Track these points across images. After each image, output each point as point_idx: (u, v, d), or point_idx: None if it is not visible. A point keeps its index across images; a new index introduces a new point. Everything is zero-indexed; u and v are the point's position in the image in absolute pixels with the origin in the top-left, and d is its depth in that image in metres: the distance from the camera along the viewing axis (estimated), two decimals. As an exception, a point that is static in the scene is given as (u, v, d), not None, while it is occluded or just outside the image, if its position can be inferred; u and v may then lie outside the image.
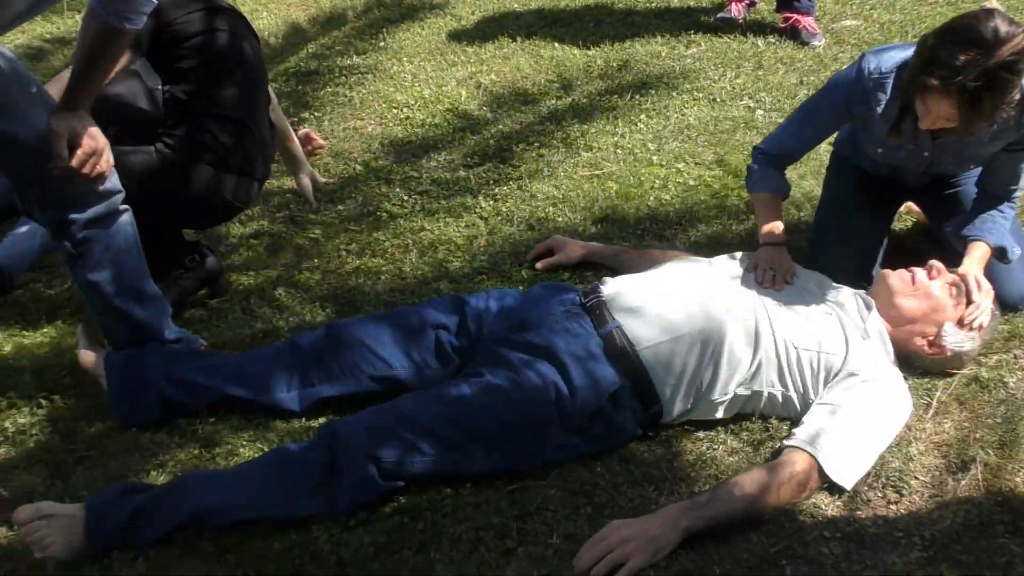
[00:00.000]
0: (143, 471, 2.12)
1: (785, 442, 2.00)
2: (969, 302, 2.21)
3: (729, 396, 2.10)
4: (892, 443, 2.04)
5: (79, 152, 1.96)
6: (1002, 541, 1.81)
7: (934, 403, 2.18)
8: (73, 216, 2.10)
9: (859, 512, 1.91)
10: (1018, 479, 1.95)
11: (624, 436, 2.08)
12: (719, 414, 2.13)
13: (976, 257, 2.33)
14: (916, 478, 1.99)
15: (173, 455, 2.16)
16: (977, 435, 2.07)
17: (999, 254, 2.38)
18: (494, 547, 1.85)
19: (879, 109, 2.27)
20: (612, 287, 2.21)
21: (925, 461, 2.03)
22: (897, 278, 2.26)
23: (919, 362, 2.26)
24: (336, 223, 3.20)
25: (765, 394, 2.11)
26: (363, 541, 1.87)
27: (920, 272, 2.26)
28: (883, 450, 2.02)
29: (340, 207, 3.31)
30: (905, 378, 2.17)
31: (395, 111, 4.04)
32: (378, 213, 3.23)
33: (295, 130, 3.66)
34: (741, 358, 2.08)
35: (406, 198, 3.32)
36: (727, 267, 2.31)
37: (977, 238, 2.37)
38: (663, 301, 2.12)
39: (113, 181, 2.14)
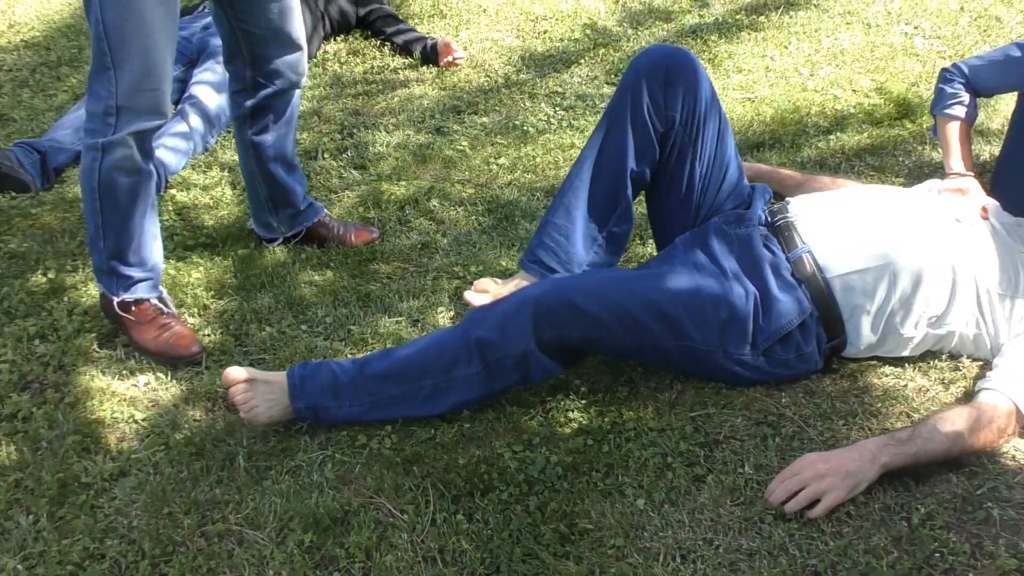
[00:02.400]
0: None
1: (982, 384, 1.91)
2: None
3: (920, 334, 2.01)
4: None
5: None
6: None
7: None
8: (264, 82, 2.30)
9: (1064, 459, 1.83)
10: None
11: (808, 366, 2.01)
12: (906, 351, 2.05)
13: None
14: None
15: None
16: None
17: None
18: (683, 473, 1.82)
19: None
20: (799, 208, 2.11)
21: None
22: None
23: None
24: (482, 136, 3.14)
25: (956, 334, 2.02)
26: (549, 460, 1.85)
27: None
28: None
29: (484, 119, 3.25)
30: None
31: (532, 24, 3.93)
32: (524, 127, 3.16)
33: (432, 41, 3.59)
34: (935, 296, 1.98)
35: (551, 112, 3.25)
36: (921, 198, 2.19)
37: None
38: (856, 229, 2.03)
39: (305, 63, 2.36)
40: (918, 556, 1.62)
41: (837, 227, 2.04)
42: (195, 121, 3.06)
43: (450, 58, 3.60)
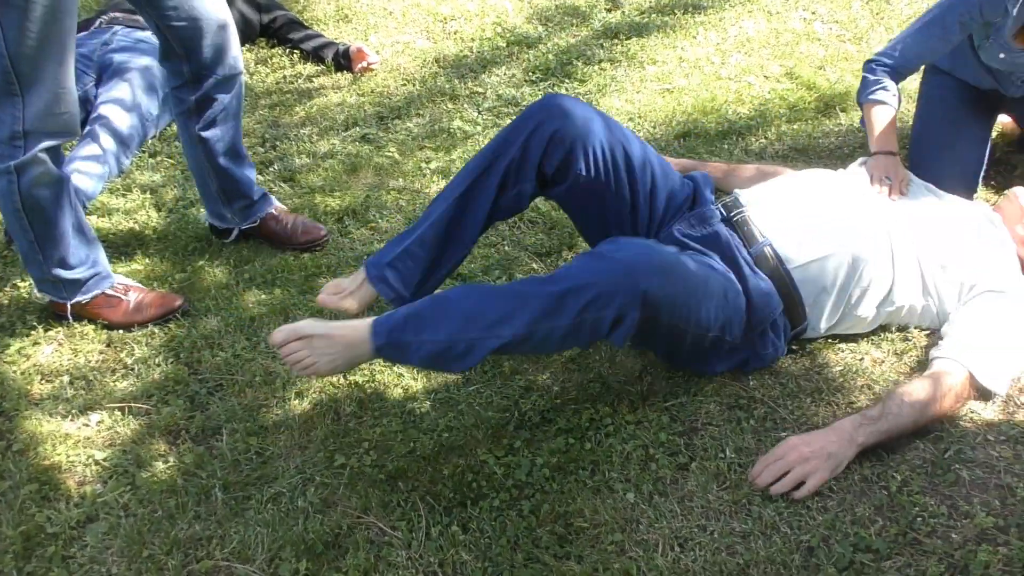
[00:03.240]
0: (275, 398, 2.08)
1: (935, 353, 2.00)
2: None
3: (873, 312, 2.08)
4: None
5: None
6: None
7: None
8: (204, 72, 2.25)
9: (1017, 416, 1.93)
10: None
11: (777, 354, 2.07)
12: (861, 329, 2.13)
13: None
14: (1063, 382, 2.01)
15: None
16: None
17: None
18: (667, 463, 1.85)
19: (1014, 12, 2.24)
20: (751, 200, 2.16)
21: (1068, 366, 2.05)
22: None
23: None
24: (409, 141, 3.10)
25: (906, 308, 2.11)
26: (535, 463, 1.85)
27: None
28: (1026, 359, 2.04)
29: (409, 124, 3.22)
30: None
31: (441, 24, 3.91)
32: (451, 130, 3.14)
33: (343, 46, 3.54)
34: (884, 275, 2.06)
35: (475, 115, 3.24)
36: (858, 180, 2.27)
37: None
38: (808, 217, 2.08)
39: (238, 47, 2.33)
40: (901, 522, 1.69)
41: (790, 217, 2.09)
42: (107, 142, 2.93)
43: (364, 64, 3.55)
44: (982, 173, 2.59)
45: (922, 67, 2.65)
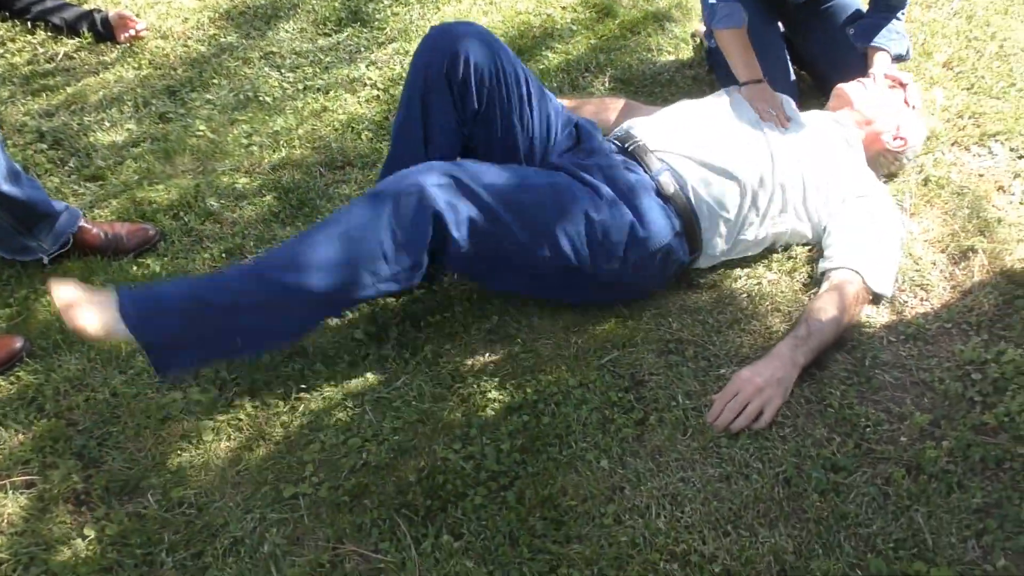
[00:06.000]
0: (182, 435, 1.84)
1: (826, 265, 2.11)
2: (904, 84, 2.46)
3: (761, 234, 2.17)
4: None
5: None
6: (1028, 312, 2.06)
7: (908, 207, 2.39)
8: None
9: (906, 315, 2.09)
10: (1011, 257, 2.21)
11: (666, 275, 2.12)
12: (750, 252, 2.21)
13: (884, 63, 2.56)
14: (931, 275, 2.19)
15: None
16: (959, 226, 2.31)
17: (896, 60, 2.63)
18: (624, 422, 1.84)
19: None
20: (643, 131, 2.16)
21: (929, 258, 2.24)
22: (853, 87, 2.43)
23: (879, 169, 2.45)
24: (217, 115, 2.81)
25: (789, 229, 2.21)
26: (500, 449, 1.77)
27: (865, 79, 2.46)
28: (900, 256, 2.20)
29: (208, 96, 2.91)
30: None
31: (201, -22, 3.53)
32: (260, 98, 2.88)
33: (100, 14, 3.12)
34: (773, 197, 2.15)
35: (280, 76, 2.99)
36: (739, 107, 2.31)
37: (882, 48, 2.60)
38: (703, 145, 2.12)
39: None
40: (854, 435, 1.79)
41: (685, 146, 2.12)
42: None
43: (132, 32, 3.14)
44: (791, 70, 2.73)
45: None
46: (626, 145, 2.12)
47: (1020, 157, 2.51)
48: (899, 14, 2.65)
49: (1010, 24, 3.11)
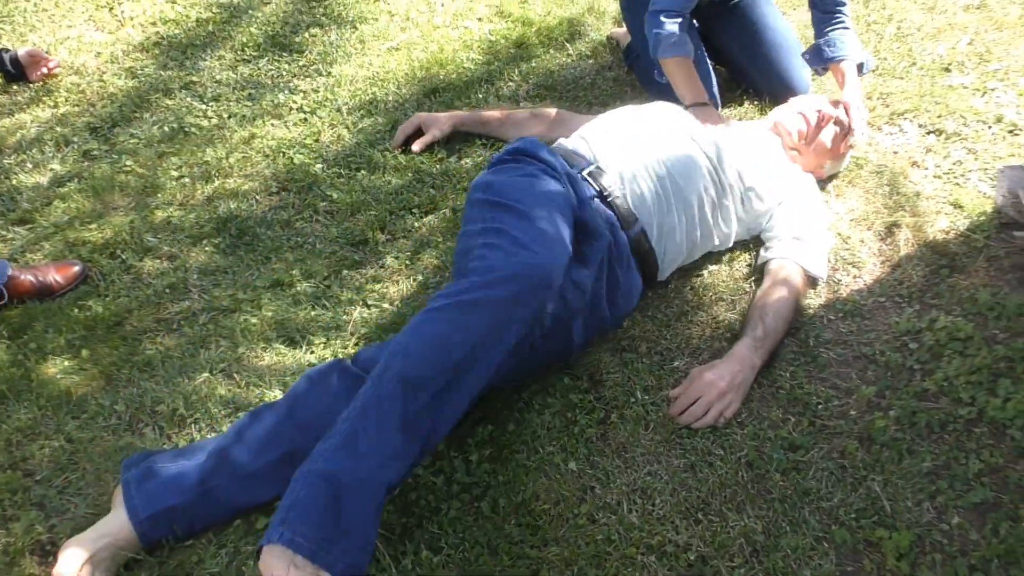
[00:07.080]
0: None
1: (768, 255, 2.18)
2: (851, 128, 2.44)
3: (710, 244, 2.23)
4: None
5: None
6: (952, 280, 2.15)
7: (831, 188, 2.49)
8: None
9: (842, 293, 2.18)
10: (932, 228, 2.31)
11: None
12: (695, 258, 2.25)
13: (852, 81, 2.58)
14: (861, 252, 2.28)
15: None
16: (881, 204, 2.41)
17: (859, 68, 2.66)
18: (587, 422, 1.88)
19: None
20: (611, 170, 2.11)
21: (858, 237, 2.33)
22: (793, 133, 2.38)
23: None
24: (142, 148, 2.77)
25: (732, 234, 2.26)
26: (469, 459, 1.80)
27: (812, 120, 2.37)
28: (831, 237, 2.29)
29: (132, 130, 2.87)
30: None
31: (105, 11, 3.47)
32: (186, 129, 2.85)
33: (9, 53, 3.05)
34: (721, 213, 2.20)
35: (203, 107, 2.95)
36: (689, 128, 2.28)
37: (843, 58, 2.61)
38: (661, 180, 2.12)
39: None
40: (807, 413, 1.87)
41: (654, 189, 2.10)
42: None
43: (44, 70, 3.08)
44: (713, 81, 2.79)
45: None
46: (606, 196, 2.06)
47: (928, 133, 2.63)
48: (844, 18, 2.63)
49: (904, 6, 3.25)
